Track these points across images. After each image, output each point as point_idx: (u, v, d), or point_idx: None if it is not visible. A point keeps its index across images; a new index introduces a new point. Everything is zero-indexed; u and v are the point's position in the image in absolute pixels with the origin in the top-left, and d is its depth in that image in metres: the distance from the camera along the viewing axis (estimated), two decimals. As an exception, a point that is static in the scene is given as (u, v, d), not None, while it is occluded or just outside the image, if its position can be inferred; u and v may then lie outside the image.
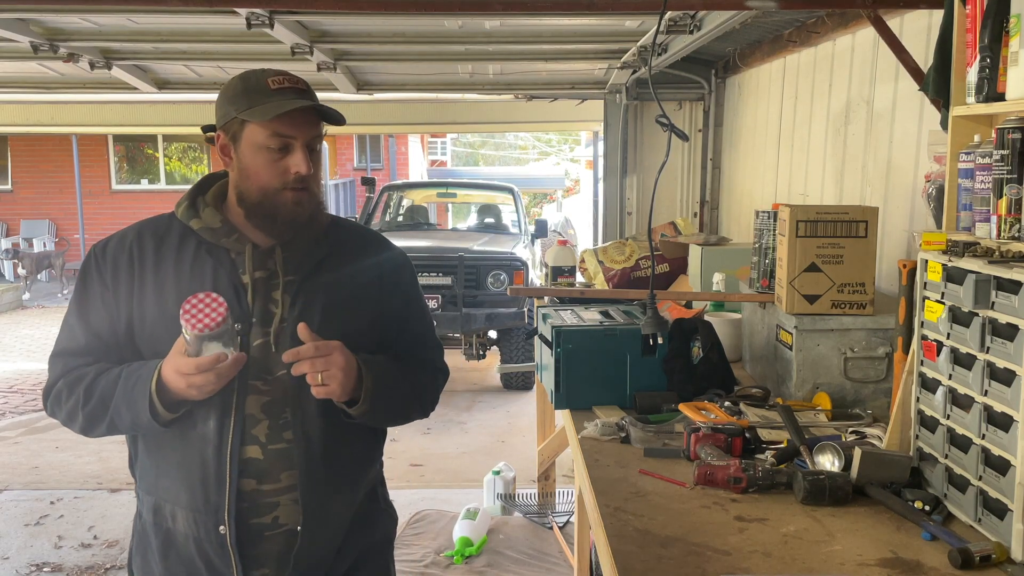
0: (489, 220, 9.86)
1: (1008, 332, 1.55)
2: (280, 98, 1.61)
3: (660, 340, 2.52)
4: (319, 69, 4.90)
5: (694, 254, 3.91)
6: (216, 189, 1.75)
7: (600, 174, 7.31)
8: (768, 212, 2.81)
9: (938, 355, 1.80)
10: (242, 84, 1.66)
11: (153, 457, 1.72)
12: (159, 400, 1.58)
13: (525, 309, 7.56)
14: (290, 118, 1.61)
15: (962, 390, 1.71)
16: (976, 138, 1.84)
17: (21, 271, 13.65)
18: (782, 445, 2.08)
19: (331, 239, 1.76)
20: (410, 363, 1.82)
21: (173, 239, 1.70)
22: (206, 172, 16.32)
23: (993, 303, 1.60)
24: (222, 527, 1.65)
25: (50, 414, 1.74)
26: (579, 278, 4.39)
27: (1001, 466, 1.58)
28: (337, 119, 1.67)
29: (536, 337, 2.91)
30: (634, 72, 5.37)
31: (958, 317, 1.72)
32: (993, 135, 1.70)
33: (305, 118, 1.64)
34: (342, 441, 1.73)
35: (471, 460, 5.88)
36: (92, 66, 4.73)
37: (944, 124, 1.99)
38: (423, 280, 7.11)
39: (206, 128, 1.73)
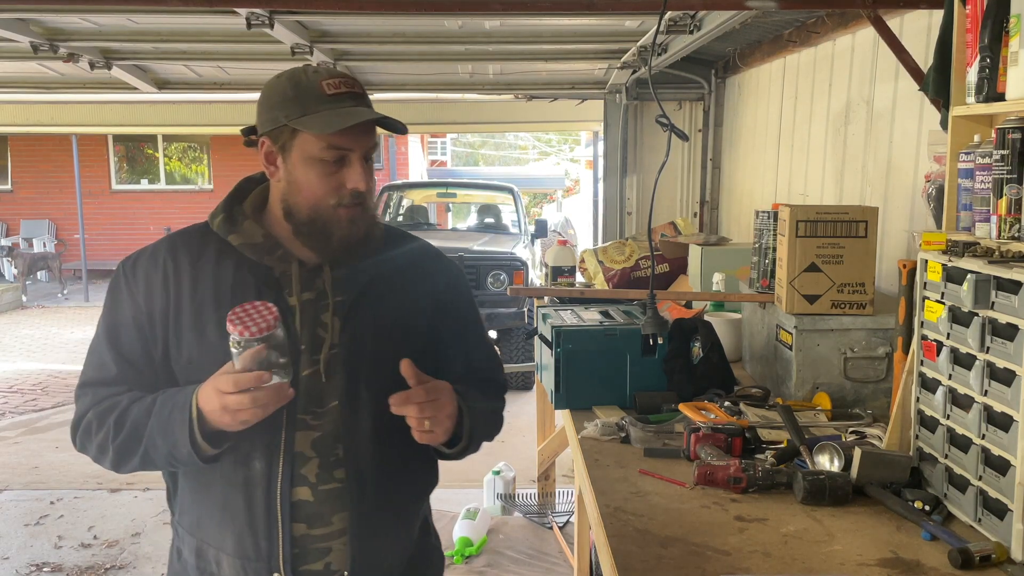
0: (489, 220, 9.86)
1: (1008, 332, 1.55)
2: (336, 105, 1.45)
3: (660, 340, 2.52)
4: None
5: (694, 254, 3.91)
6: (255, 198, 1.59)
7: (600, 174, 7.31)
8: (768, 212, 2.81)
9: (938, 355, 1.80)
10: (293, 87, 1.47)
11: (195, 496, 1.57)
12: (199, 430, 1.41)
13: (525, 309, 7.56)
14: (347, 128, 1.45)
15: (962, 390, 1.71)
16: (976, 138, 1.84)
17: (14, 271, 13.64)
18: (782, 445, 2.08)
19: (381, 254, 1.59)
20: (487, 390, 1.69)
21: (210, 255, 1.54)
22: (206, 172, 16.42)
23: (993, 303, 1.60)
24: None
25: (80, 449, 1.56)
26: (579, 278, 4.39)
27: (1001, 466, 1.58)
28: (399, 130, 1.51)
29: (536, 337, 2.90)
30: (634, 72, 5.37)
31: (958, 317, 1.72)
32: (993, 135, 1.70)
33: (362, 127, 1.48)
34: (397, 477, 1.60)
35: (471, 460, 5.84)
36: (92, 66, 4.73)
37: (944, 124, 1.99)
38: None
39: (246, 131, 1.56)
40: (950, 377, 1.75)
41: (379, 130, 1.52)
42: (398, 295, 1.59)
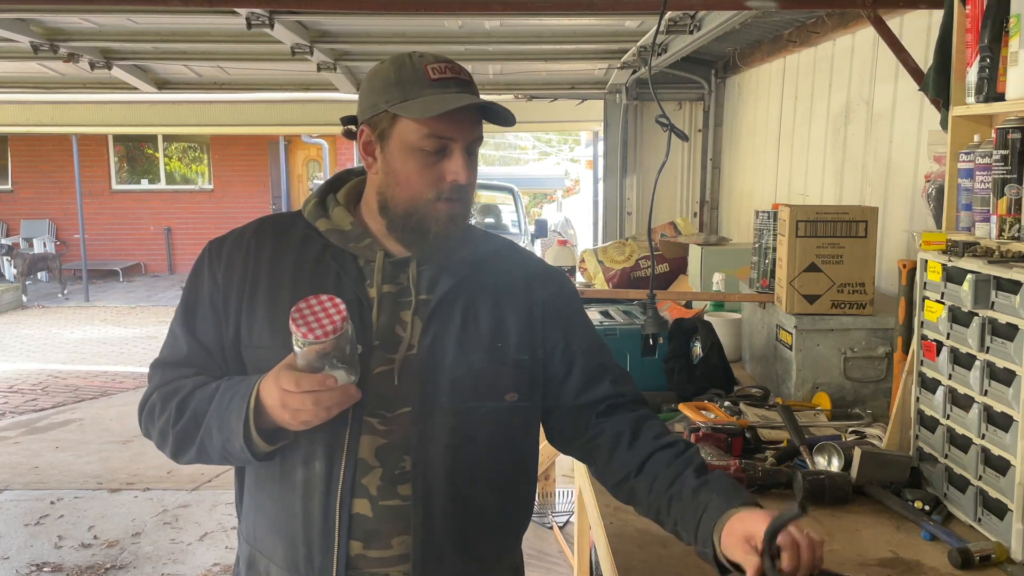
0: (489, 220, 9.87)
1: (1008, 332, 1.55)
2: (441, 91, 1.35)
3: (660, 340, 2.52)
4: (319, 69, 4.90)
5: (694, 254, 3.91)
6: (350, 188, 1.49)
7: (600, 174, 7.31)
8: (768, 212, 2.81)
9: (938, 355, 1.80)
10: (395, 71, 1.37)
11: (253, 499, 1.45)
12: (255, 424, 1.30)
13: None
14: (451, 116, 1.34)
15: (962, 390, 1.71)
16: (976, 138, 1.84)
17: (14, 271, 13.63)
18: (782, 445, 2.08)
19: (474, 255, 1.46)
20: (651, 429, 1.46)
21: (295, 238, 1.45)
22: (206, 172, 16.43)
23: (993, 303, 1.60)
24: None
25: (144, 433, 1.47)
26: (579, 278, 4.39)
27: (1001, 466, 1.58)
28: (508, 120, 1.40)
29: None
30: (634, 72, 5.37)
31: (958, 317, 1.72)
32: (993, 135, 1.70)
33: (467, 116, 1.37)
34: (474, 508, 1.40)
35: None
36: (92, 66, 4.73)
37: (944, 124, 1.99)
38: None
39: (346, 120, 1.46)
40: (950, 377, 1.75)
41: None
42: (488, 302, 1.43)
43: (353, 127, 1.45)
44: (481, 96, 1.42)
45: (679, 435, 1.49)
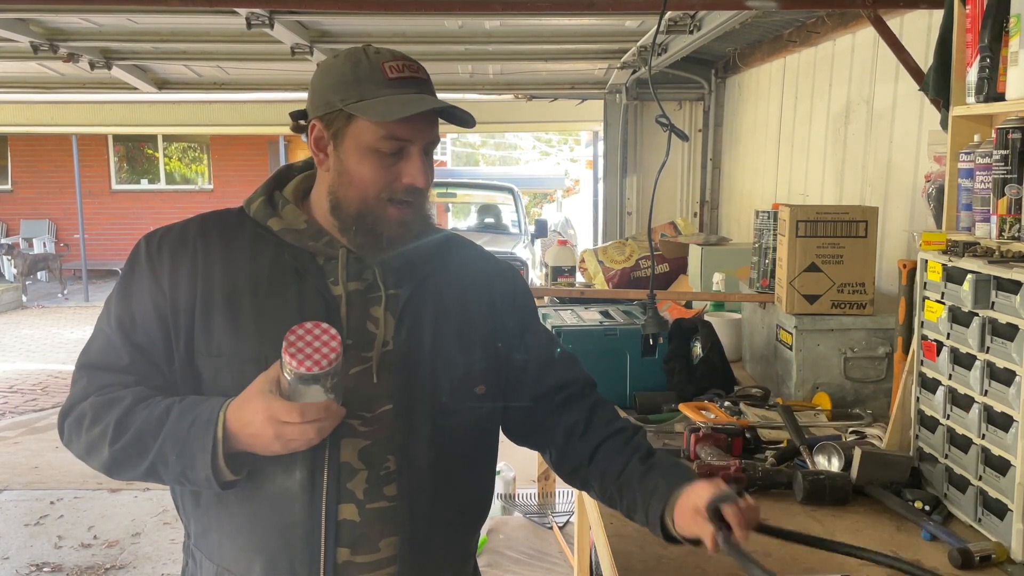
0: (489, 220, 9.88)
1: (1008, 332, 1.55)
2: (399, 91, 1.31)
3: (660, 340, 2.52)
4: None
5: (694, 254, 3.91)
6: (298, 185, 1.44)
7: (600, 174, 7.30)
8: (768, 212, 2.81)
9: (938, 355, 1.80)
10: (351, 68, 1.33)
11: (214, 513, 1.36)
12: (224, 454, 1.24)
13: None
14: (409, 118, 1.30)
15: (962, 390, 1.70)
16: (976, 138, 1.84)
17: (14, 271, 13.63)
18: (782, 445, 2.08)
19: (438, 252, 1.45)
20: (602, 417, 1.50)
21: (245, 239, 1.38)
22: (206, 172, 16.43)
23: (993, 303, 1.60)
24: None
25: (65, 442, 1.36)
26: (579, 278, 4.39)
27: (1001, 466, 1.58)
28: (467, 122, 1.37)
29: (536, 337, 2.90)
30: (634, 72, 5.37)
31: (958, 317, 1.72)
32: (993, 135, 1.70)
33: (425, 117, 1.33)
34: (454, 501, 1.41)
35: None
36: (92, 66, 4.73)
37: (944, 124, 1.99)
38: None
39: (296, 114, 1.42)
40: (950, 377, 1.75)
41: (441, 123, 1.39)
42: (454, 296, 1.42)
43: (303, 121, 1.40)
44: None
45: (627, 420, 1.54)
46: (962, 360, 1.71)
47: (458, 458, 1.41)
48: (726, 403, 2.41)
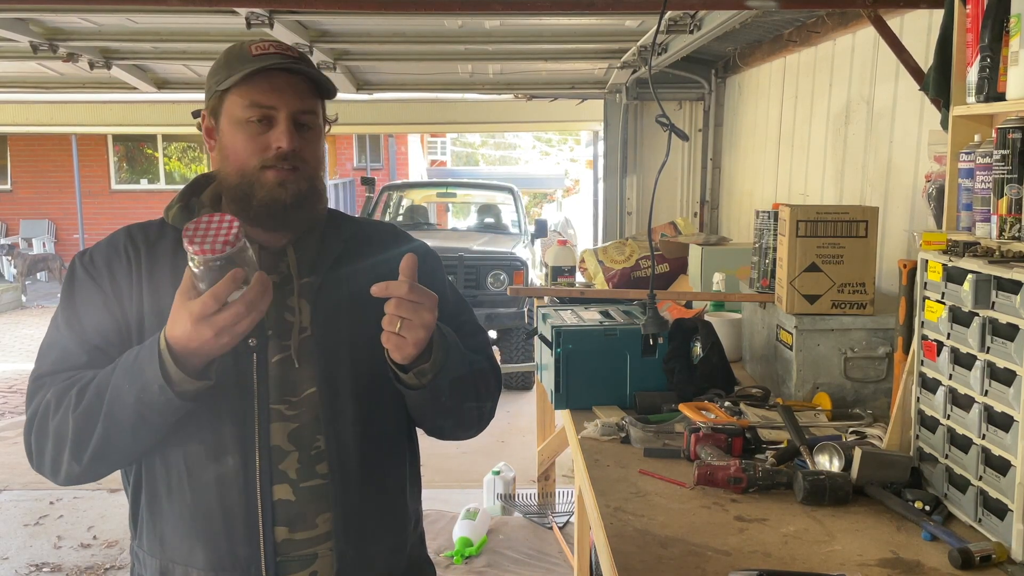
0: (489, 220, 9.86)
1: (1008, 332, 1.55)
2: (258, 63, 1.39)
3: (660, 340, 2.52)
4: (319, 69, 4.89)
5: (694, 254, 3.91)
6: (213, 189, 1.51)
7: (600, 174, 7.31)
8: (768, 212, 2.81)
9: (938, 355, 1.80)
10: (225, 56, 1.43)
11: (158, 508, 1.43)
12: (174, 363, 1.25)
13: (525, 309, 7.56)
14: (271, 86, 1.38)
15: (962, 390, 1.70)
16: (976, 138, 1.84)
17: (14, 271, 13.63)
18: (782, 445, 2.08)
19: (344, 233, 1.51)
20: (476, 362, 1.52)
21: (167, 245, 1.45)
22: (205, 172, 16.39)
23: (993, 303, 1.60)
24: None
25: (35, 451, 1.45)
26: (579, 278, 4.39)
27: (1001, 466, 1.58)
28: (326, 86, 1.45)
29: (536, 337, 2.90)
30: (634, 72, 5.37)
31: (958, 317, 1.72)
32: (993, 135, 1.70)
33: (291, 87, 1.40)
34: (383, 470, 1.48)
35: (471, 460, 5.87)
36: (92, 66, 4.73)
37: (944, 124, 1.99)
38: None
39: (196, 113, 1.50)
40: (950, 377, 1.75)
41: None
42: (365, 273, 1.44)
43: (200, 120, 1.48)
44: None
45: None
46: (962, 360, 1.71)
47: (383, 432, 1.48)
48: (726, 403, 2.41)
